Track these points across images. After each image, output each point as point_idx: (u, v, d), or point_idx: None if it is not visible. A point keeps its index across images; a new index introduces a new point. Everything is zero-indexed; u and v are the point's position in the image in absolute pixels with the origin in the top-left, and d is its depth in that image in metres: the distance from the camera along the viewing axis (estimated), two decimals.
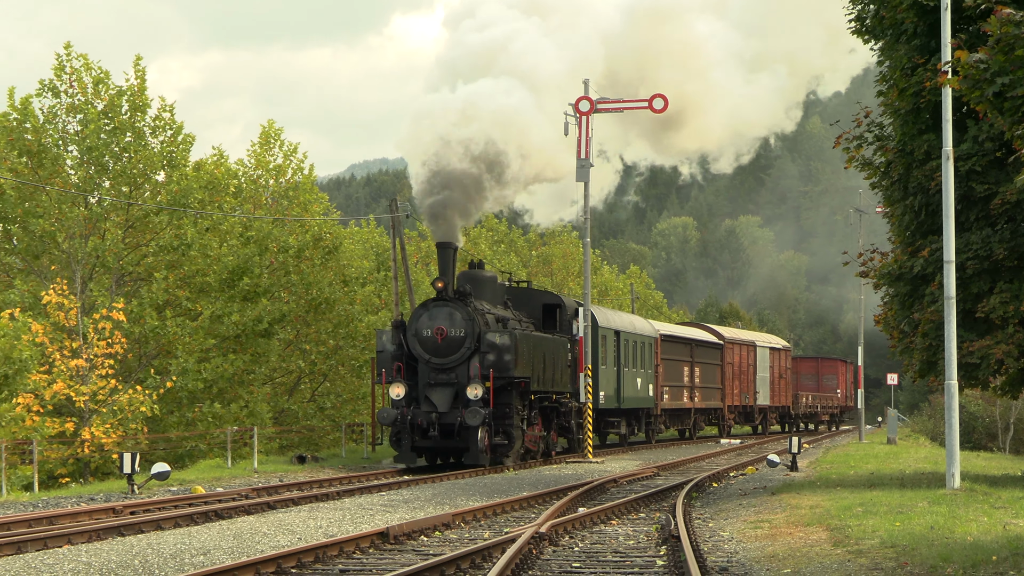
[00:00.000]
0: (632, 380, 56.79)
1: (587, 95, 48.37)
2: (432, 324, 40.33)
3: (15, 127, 51.30)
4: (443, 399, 39.97)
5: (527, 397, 42.46)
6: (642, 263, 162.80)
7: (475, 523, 24.87)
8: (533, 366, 42.01)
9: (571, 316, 48.10)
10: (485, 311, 41.73)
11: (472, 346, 40.16)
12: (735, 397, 73.51)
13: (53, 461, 47.16)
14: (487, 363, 40.12)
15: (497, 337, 40.35)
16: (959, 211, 29.81)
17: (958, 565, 16.52)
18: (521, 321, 44.70)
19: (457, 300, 40.61)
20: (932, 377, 32.22)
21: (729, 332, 78.12)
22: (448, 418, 39.63)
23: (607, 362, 53.37)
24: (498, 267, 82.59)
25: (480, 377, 39.75)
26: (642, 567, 18.47)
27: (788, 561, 18.29)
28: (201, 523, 24.60)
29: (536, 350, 42.60)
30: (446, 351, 40.19)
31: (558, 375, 45.08)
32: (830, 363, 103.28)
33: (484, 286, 43.75)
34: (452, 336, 40.19)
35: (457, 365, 40.20)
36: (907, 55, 30.64)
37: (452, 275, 41.02)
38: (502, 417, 40.82)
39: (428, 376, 40.45)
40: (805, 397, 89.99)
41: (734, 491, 33.01)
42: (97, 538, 21.95)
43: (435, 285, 40.89)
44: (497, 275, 46.33)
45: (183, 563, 18.41)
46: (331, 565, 18.74)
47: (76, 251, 50.52)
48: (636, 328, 59.18)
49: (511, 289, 47.87)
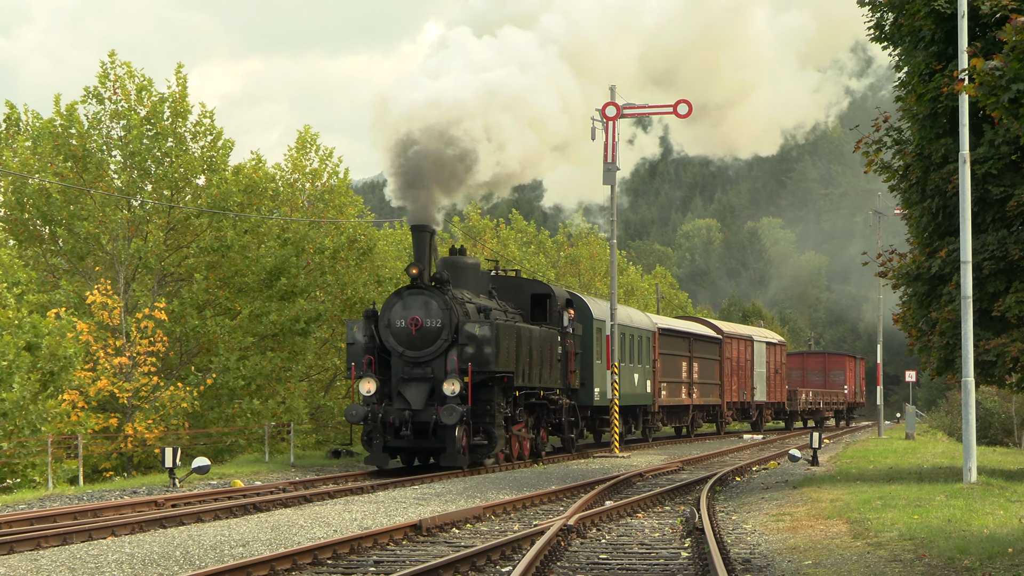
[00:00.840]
0: (629, 376, 52.51)
1: (613, 100, 48.34)
2: (406, 314, 36.50)
3: (61, 133, 51.47)
4: (417, 395, 36.14)
5: (511, 393, 38.68)
6: (667, 264, 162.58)
7: (505, 516, 24.87)
8: (518, 360, 38.22)
9: (562, 307, 44.02)
10: (465, 300, 38.03)
11: (449, 338, 36.33)
12: (734, 393, 69.62)
13: (97, 455, 47.34)
14: (465, 356, 36.19)
15: (476, 328, 36.38)
16: (975, 213, 29.73)
17: (975, 557, 16.47)
18: (507, 312, 40.89)
19: (433, 288, 36.72)
20: (949, 374, 32.17)
21: (727, 326, 74.00)
22: (422, 416, 35.76)
23: (602, 357, 48.74)
24: (528, 268, 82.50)
25: (458, 371, 35.89)
26: (667, 559, 18.45)
27: (809, 553, 18.26)
28: (240, 516, 24.66)
29: (521, 342, 38.70)
30: (421, 343, 36.40)
31: (546, 370, 41.14)
32: (837, 359, 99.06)
33: (465, 274, 40.04)
34: (427, 327, 36.34)
35: (433, 358, 36.42)
36: (925, 61, 30.57)
37: (429, 261, 37.00)
38: (482, 415, 37.08)
39: (402, 370, 36.68)
40: (804, 393, 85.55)
41: (756, 485, 32.97)
42: (140, 530, 22.02)
43: (409, 272, 36.86)
44: (480, 262, 42.38)
45: (223, 554, 18.45)
46: (366, 556, 18.76)
47: (119, 253, 50.61)
48: (633, 321, 54.87)
49: (497, 278, 43.69)
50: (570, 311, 44.34)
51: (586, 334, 46.94)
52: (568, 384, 43.88)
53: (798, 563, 17.41)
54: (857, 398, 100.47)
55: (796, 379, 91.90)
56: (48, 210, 50.75)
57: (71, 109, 51.82)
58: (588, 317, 47.39)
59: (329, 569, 17.64)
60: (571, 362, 44.05)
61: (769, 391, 76.23)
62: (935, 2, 29.51)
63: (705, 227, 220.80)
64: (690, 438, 64.08)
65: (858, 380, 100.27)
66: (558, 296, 43.99)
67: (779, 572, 16.71)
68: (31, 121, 59.52)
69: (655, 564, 17.89)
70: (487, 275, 41.98)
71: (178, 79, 52.78)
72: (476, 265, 40.95)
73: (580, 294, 49.86)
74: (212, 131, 53.45)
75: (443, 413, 35.08)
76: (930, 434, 79.53)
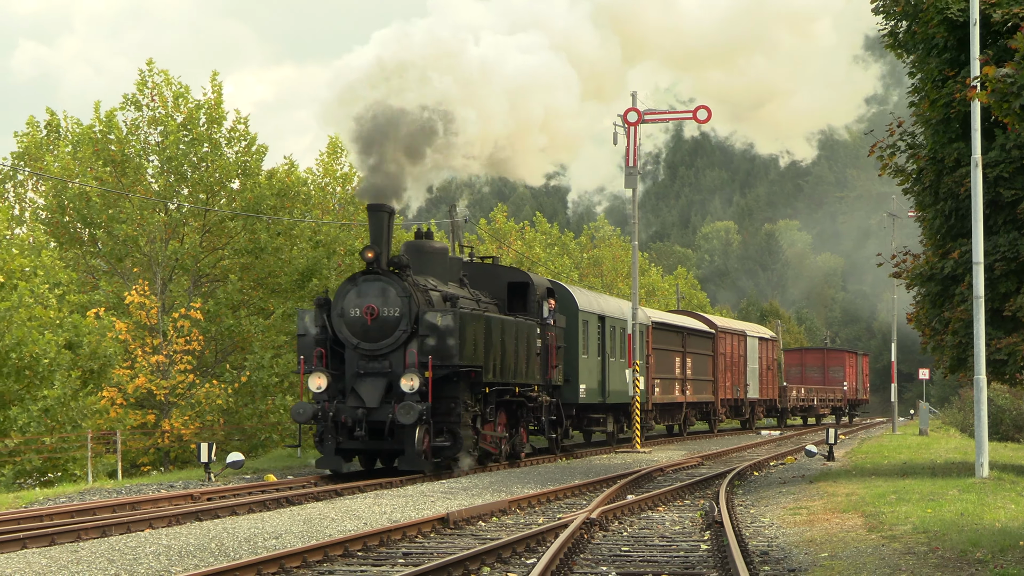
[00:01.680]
0: (619, 371, 47.50)
1: (635, 106, 48.31)
2: (361, 302, 32.15)
3: (101, 138, 51.69)
4: (372, 392, 31.85)
5: (479, 390, 34.15)
6: (687, 264, 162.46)
7: (530, 509, 24.86)
8: (487, 353, 33.90)
9: (542, 297, 39.44)
10: (429, 287, 33.72)
11: (408, 328, 31.98)
12: (727, 390, 64.96)
13: (135, 450, 47.52)
14: (426, 349, 31.83)
15: (438, 318, 31.97)
16: (987, 215, 29.66)
17: (987, 550, 16.43)
18: (480, 301, 36.69)
19: (392, 274, 32.35)
20: (962, 372, 32.09)
21: (720, 320, 69.58)
22: (378, 415, 31.49)
23: (589, 351, 44.23)
24: (552, 269, 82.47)
25: (417, 365, 31.60)
26: (687, 551, 18.43)
27: (825, 546, 18.23)
28: (273, 509, 24.70)
29: (491, 334, 34.37)
30: (377, 334, 32.06)
31: (522, 364, 36.76)
32: (836, 355, 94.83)
33: (432, 259, 35.70)
34: (384, 316, 31.97)
35: (391, 351, 32.04)
36: (938, 68, 30.51)
37: (387, 243, 32.63)
38: (445, 413, 32.62)
39: (356, 365, 32.28)
40: (795, 390, 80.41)
41: (774, 479, 32.91)
42: (176, 522, 22.07)
43: (364, 255, 32.44)
44: (448, 247, 38.75)
45: (256, 546, 18.49)
46: (395, 548, 18.77)
47: (157, 254, 50.76)
48: (624, 314, 49.36)
49: (469, 265, 39.26)
50: (551, 301, 39.94)
51: (570, 326, 42.43)
52: (549, 380, 39.46)
53: (815, 555, 17.38)
54: (860, 395, 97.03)
55: (795, 376, 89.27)
56: (88, 213, 50.96)
57: (110, 116, 52.06)
58: (573, 308, 42.94)
59: (359, 561, 17.65)
60: (552, 356, 39.59)
61: (762, 388, 72.16)
62: (948, 10, 29.46)
63: (724, 229, 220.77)
64: (683, 436, 60.08)
65: (860, 376, 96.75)
66: (537, 285, 39.62)
67: (796, 564, 16.68)
68: (70, 127, 59.82)
69: (675, 556, 17.87)
70: (458, 262, 37.81)
71: (213, 86, 52.96)
72: (444, 250, 36.80)
73: (564, 284, 45.62)
74: (246, 137, 53.62)
75: (400, 412, 30.81)
76: (943, 430, 79.23)
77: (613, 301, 51.04)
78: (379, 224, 32.66)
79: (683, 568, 16.73)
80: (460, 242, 55.93)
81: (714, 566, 16.83)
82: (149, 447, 48.01)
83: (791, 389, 79.20)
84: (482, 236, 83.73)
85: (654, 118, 48.92)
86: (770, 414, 78.23)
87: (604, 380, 45.62)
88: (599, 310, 45.99)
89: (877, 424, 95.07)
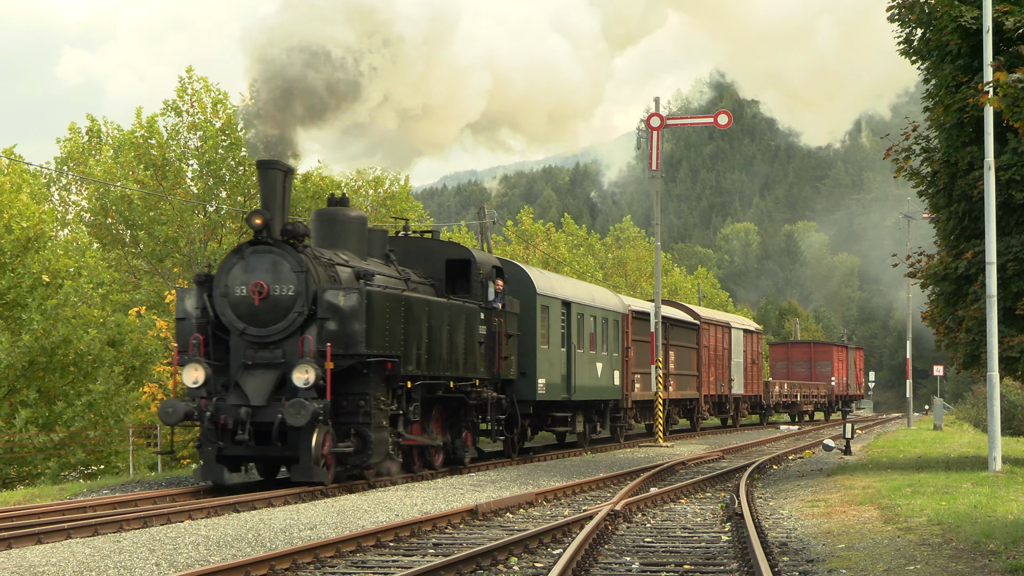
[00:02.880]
0: (589, 365, 41.35)
1: (657, 111, 48.31)
2: (248, 278, 25.95)
3: (142, 143, 51.91)
4: (259, 387, 25.60)
5: (398, 384, 27.58)
6: (708, 265, 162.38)
7: (556, 501, 24.85)
8: (407, 339, 27.57)
9: (487, 277, 33.09)
10: (336, 262, 27.42)
11: (305, 310, 25.82)
12: (711, 385, 58.75)
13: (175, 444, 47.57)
14: (327, 334, 25.72)
15: (340, 297, 25.82)
16: (1000, 217, 29.57)
17: (1000, 541, 16.37)
18: (409, 281, 30.12)
19: (286, 244, 26.10)
20: (975, 369, 32.01)
21: (704, 311, 63.07)
22: (264, 414, 25.21)
23: (551, 341, 37.74)
24: (576, 269, 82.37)
25: (314, 355, 25.50)
26: (708, 542, 18.41)
27: (842, 537, 18.19)
28: (308, 501, 24.71)
29: (413, 318, 27.98)
30: (267, 317, 25.85)
31: (459, 355, 30.57)
32: (824, 348, 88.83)
33: (347, 230, 29.21)
34: (276, 296, 25.81)
35: (284, 338, 25.87)
36: (951, 74, 30.41)
37: (281, 208, 26.37)
38: (352, 413, 26.20)
39: (243, 354, 26.04)
40: (778, 385, 74.28)
41: (792, 473, 32.85)
42: (215, 514, 22.11)
43: (251, 222, 26.16)
44: (367, 216, 31.99)
45: (292, 536, 18.52)
46: (425, 539, 18.78)
47: (196, 255, 50.91)
48: (597, 301, 43.26)
49: (400, 239, 33.01)
50: (498, 282, 33.61)
51: (527, 312, 36.08)
52: (497, 373, 33.28)
53: (832, 546, 17.35)
54: (851, 390, 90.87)
55: (780, 371, 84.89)
56: (129, 215, 51.18)
57: (151, 121, 52.31)
58: (530, 291, 36.60)
59: (391, 551, 17.67)
60: (501, 345, 33.32)
61: (746, 383, 65.38)
62: (961, 18, 29.37)
63: (744, 230, 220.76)
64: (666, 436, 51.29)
65: (852, 371, 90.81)
66: (481, 263, 33.14)
67: (814, 555, 16.64)
68: (111, 133, 60.09)
69: (697, 547, 17.85)
70: (382, 235, 31.43)
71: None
72: (362, 220, 30.03)
73: (521, 264, 39.23)
74: None
75: (288, 411, 24.65)
76: (957, 425, 79.04)
77: (582, 286, 44.98)
78: (271, 184, 26.35)
79: (704, 559, 16.71)
80: (488, 243, 55.85)
81: (734, 557, 16.80)
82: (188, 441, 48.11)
83: (774, 384, 73.54)
84: (509, 237, 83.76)
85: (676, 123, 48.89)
86: (755, 411, 71.66)
87: (569, 374, 39.28)
88: (563, 295, 39.55)
89: (893, 419, 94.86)
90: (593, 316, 42.20)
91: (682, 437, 53.87)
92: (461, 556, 15.71)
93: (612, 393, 44.31)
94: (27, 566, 15.46)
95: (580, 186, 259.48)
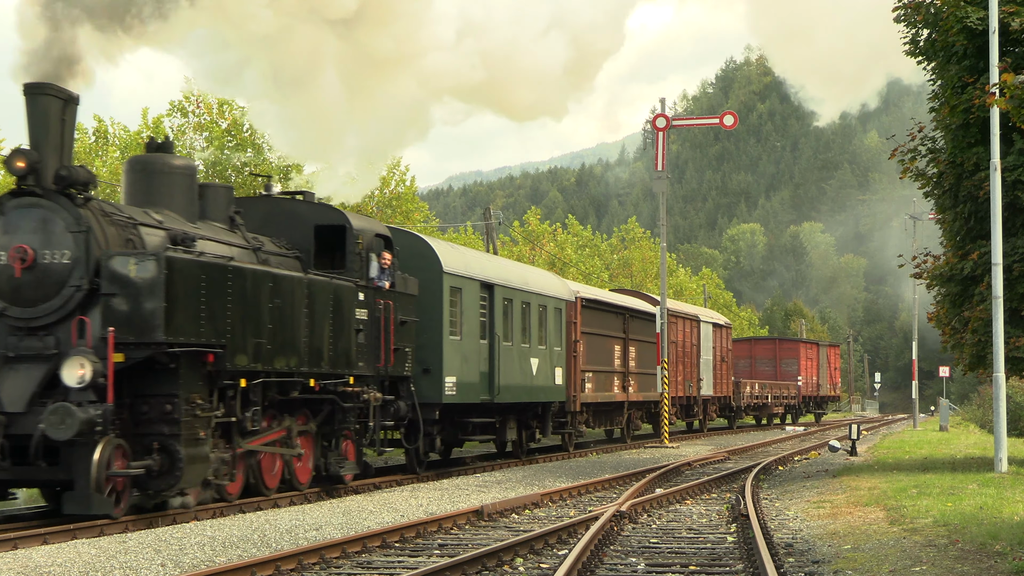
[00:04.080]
0: (522, 361, 34.61)
1: (663, 112, 48.32)
2: (7, 241, 19.41)
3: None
4: (18, 388, 19.05)
5: (224, 382, 21.00)
6: (713, 265, 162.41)
7: (561, 502, 24.85)
8: (238, 324, 20.93)
9: (367, 248, 26.11)
10: (144, 223, 20.80)
11: (85, 283, 19.32)
12: (678, 386, 51.94)
13: None
14: (113, 316, 19.02)
15: (131, 265, 19.02)
16: (1006, 218, 29.56)
17: (1005, 542, 16.36)
18: (259, 251, 23.62)
19: (59, 195, 19.42)
20: (981, 369, 31.99)
21: (671, 303, 53.01)
22: (24, 425, 18.73)
23: (464, 331, 30.85)
24: (583, 270, 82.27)
25: (90, 343, 19.04)
26: (714, 543, 18.40)
27: (848, 538, 18.18)
28: (314, 501, 24.72)
29: (250, 295, 21.38)
30: (34, 294, 19.39)
31: (324, 345, 23.88)
32: (790, 345, 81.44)
33: (168, 184, 22.28)
34: (45, 264, 19.32)
35: (57, 321, 19.37)
36: (957, 75, 30.39)
37: (59, 149, 19.50)
38: (152, 422, 19.65)
39: (5, 343, 19.50)
40: (749, 386, 68.05)
41: (798, 474, 32.84)
42: (220, 514, 22.10)
43: (11, 164, 19.40)
44: (195, 165, 24.56)
45: (297, 537, 18.52)
46: (431, 540, 18.78)
47: None
48: (531, 285, 36.19)
49: (254, 200, 26.79)
50: (385, 255, 26.64)
51: (430, 294, 29.36)
52: (384, 368, 26.53)
53: (838, 547, 17.33)
54: (824, 391, 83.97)
55: (743, 370, 75.72)
56: None
57: (157, 122, 52.35)
58: (435, 269, 29.83)
59: (397, 551, 17.66)
60: (388, 335, 26.49)
61: (716, 383, 58.94)
62: (967, 19, 29.35)
63: (749, 231, 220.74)
64: (625, 443, 47.01)
65: (825, 370, 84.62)
66: (359, 231, 26.01)
67: (820, 556, 16.63)
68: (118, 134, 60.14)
69: (703, 548, 17.84)
70: (227, 192, 24.61)
71: None
72: (190, 171, 23.06)
73: (424, 236, 32.41)
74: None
75: (50, 420, 18.23)
76: (963, 426, 78.98)
77: (514, 266, 38.88)
78: (42, 114, 19.45)
79: (710, 559, 16.70)
80: (494, 243, 55.84)
81: (740, 558, 16.79)
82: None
83: (744, 385, 67.08)
84: (515, 237, 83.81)
85: (682, 123, 48.89)
86: (723, 413, 64.10)
87: (492, 371, 32.76)
88: (482, 275, 32.58)
89: (898, 420, 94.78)
90: (526, 303, 35.24)
91: (687, 438, 53.83)
92: (467, 557, 15.71)
93: (553, 394, 37.29)
94: (32, 566, 15.46)
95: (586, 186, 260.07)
